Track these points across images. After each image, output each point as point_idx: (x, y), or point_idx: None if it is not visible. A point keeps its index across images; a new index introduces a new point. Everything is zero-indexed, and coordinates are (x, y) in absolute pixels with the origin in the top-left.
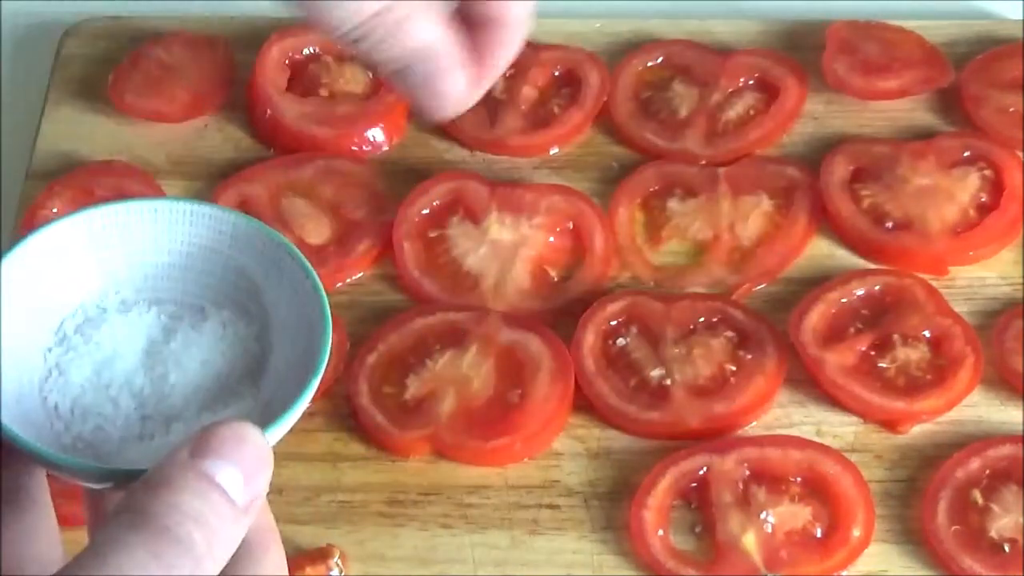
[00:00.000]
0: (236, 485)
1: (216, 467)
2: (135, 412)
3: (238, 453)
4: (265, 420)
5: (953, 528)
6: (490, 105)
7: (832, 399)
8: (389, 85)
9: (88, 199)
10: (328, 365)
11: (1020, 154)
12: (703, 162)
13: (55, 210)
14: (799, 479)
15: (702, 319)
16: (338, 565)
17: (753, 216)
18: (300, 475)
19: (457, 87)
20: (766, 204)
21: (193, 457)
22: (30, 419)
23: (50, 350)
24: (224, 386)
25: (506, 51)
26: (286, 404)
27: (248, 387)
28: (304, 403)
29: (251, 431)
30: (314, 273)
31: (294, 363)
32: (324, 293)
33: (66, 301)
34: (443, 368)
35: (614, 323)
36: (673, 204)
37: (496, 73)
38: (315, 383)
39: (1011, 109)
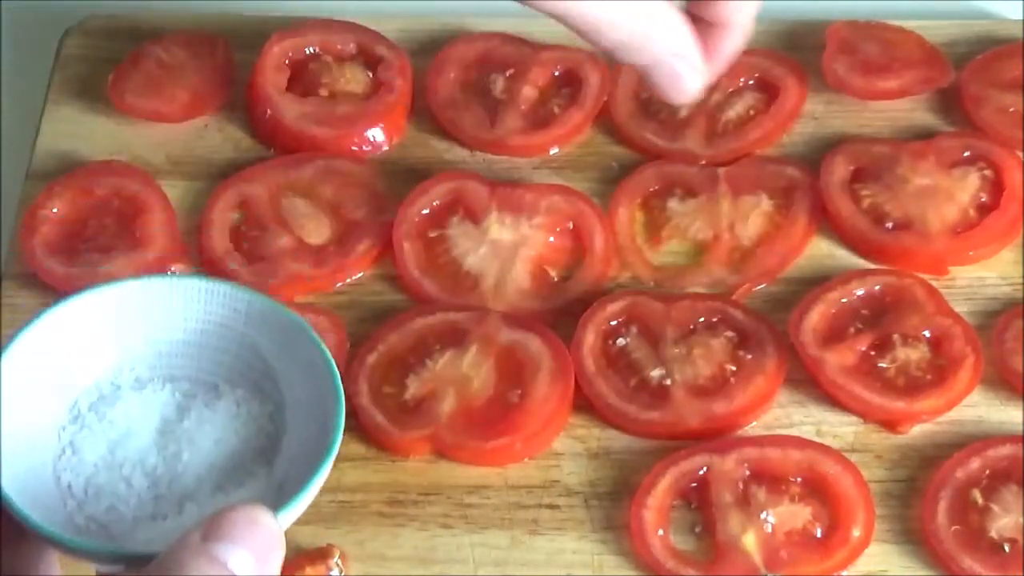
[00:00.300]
0: (247, 569)
1: (228, 551)
2: (148, 491)
3: (250, 537)
4: (278, 501)
5: (953, 528)
6: (490, 105)
7: (832, 399)
8: (388, 87)
9: (88, 199)
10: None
11: (1020, 154)
12: (703, 162)
13: (55, 210)
14: (799, 479)
15: (702, 319)
16: (338, 565)
17: (753, 216)
18: None
19: (696, 84)
20: (766, 204)
21: (205, 541)
22: (43, 498)
23: (64, 428)
24: (237, 465)
25: (731, 51)
26: (299, 486)
27: (261, 466)
28: (317, 485)
29: (263, 515)
30: (328, 352)
31: (307, 443)
32: (338, 373)
33: (81, 378)
34: (443, 368)
35: (614, 323)
36: (673, 204)
37: (720, 70)
38: (328, 465)
39: (1011, 109)
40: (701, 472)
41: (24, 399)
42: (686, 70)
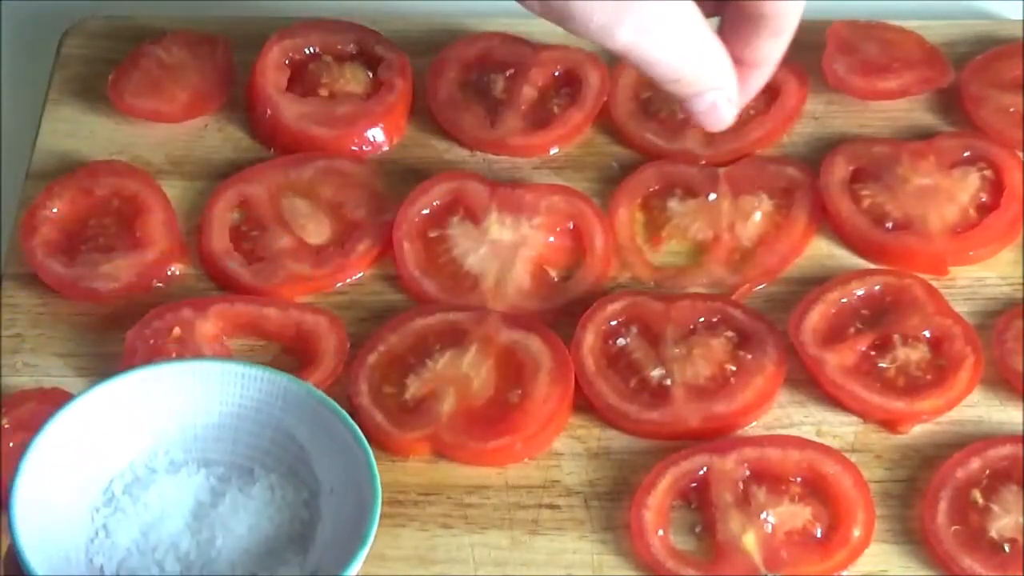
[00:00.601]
0: None
1: None
2: None
3: None
4: None
5: (953, 528)
6: (490, 105)
7: (832, 399)
8: (388, 87)
9: (88, 199)
10: (328, 365)
11: (1020, 154)
12: (703, 162)
13: (55, 210)
14: (799, 479)
15: (702, 319)
16: None
17: (753, 216)
18: None
19: (731, 116)
20: (766, 204)
21: None
22: None
23: (98, 510)
24: (271, 551)
25: (759, 86)
26: (335, 573)
27: (295, 554)
28: (354, 572)
29: None
30: (364, 439)
31: (342, 529)
32: (374, 460)
33: (115, 460)
34: (443, 368)
35: (614, 323)
36: (673, 204)
37: (747, 101)
38: (363, 554)
39: (1011, 109)
40: (701, 472)
41: (58, 481)
42: (724, 103)
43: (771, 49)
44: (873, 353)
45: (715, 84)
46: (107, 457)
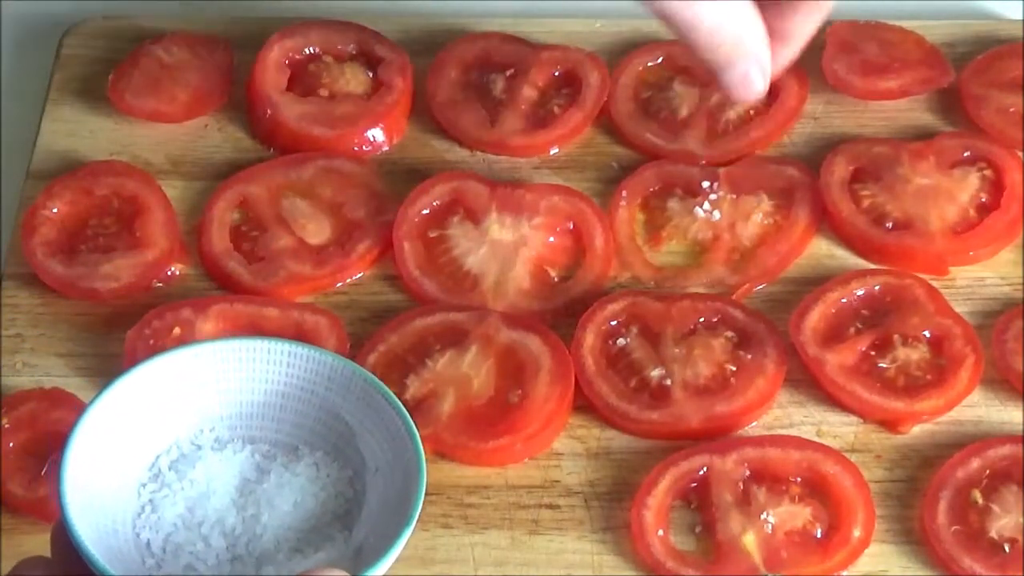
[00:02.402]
0: None
1: None
2: (226, 552)
3: None
4: (356, 567)
5: (953, 528)
6: (490, 105)
7: (832, 399)
8: (388, 87)
9: (88, 199)
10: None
11: (1020, 154)
12: (703, 162)
13: (55, 210)
14: (799, 479)
15: (702, 319)
16: None
17: (753, 216)
18: None
19: (762, 87)
20: (766, 204)
21: None
22: (122, 555)
23: (144, 485)
24: (315, 528)
25: (788, 60)
26: (379, 552)
27: (339, 531)
28: (397, 551)
29: None
30: (410, 418)
31: (387, 509)
32: (419, 439)
33: (161, 437)
34: (443, 368)
35: (614, 323)
36: (673, 204)
37: (775, 75)
38: (408, 532)
39: (1011, 109)
40: (701, 472)
41: (106, 457)
42: (756, 73)
43: (806, 23)
44: (873, 353)
45: (752, 53)
46: (153, 434)
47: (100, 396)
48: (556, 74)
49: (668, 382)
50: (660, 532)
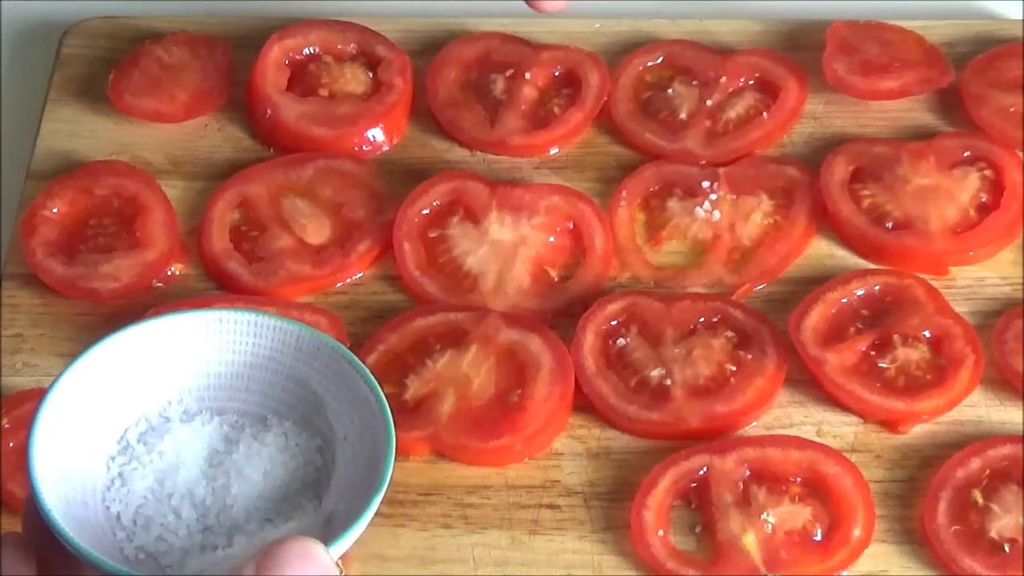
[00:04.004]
0: None
1: None
2: (197, 523)
3: (304, 570)
4: (327, 535)
5: (953, 528)
6: (490, 105)
7: (832, 399)
8: (388, 87)
9: (88, 199)
10: None
11: (1020, 154)
12: (703, 162)
13: (55, 210)
14: (799, 479)
15: (702, 319)
16: (338, 565)
17: (753, 216)
18: None
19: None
20: (766, 204)
21: (259, 573)
22: (92, 527)
23: (113, 458)
24: (286, 498)
25: None
26: (349, 520)
27: (309, 500)
28: (367, 519)
29: (317, 548)
30: (378, 387)
31: (356, 477)
32: (388, 407)
33: (129, 410)
34: (443, 368)
35: (614, 323)
36: (673, 204)
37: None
38: (378, 499)
39: (1011, 109)
40: (701, 472)
41: (74, 431)
42: None
43: None
44: (873, 353)
45: None
46: (121, 407)
47: (67, 370)
48: (556, 74)
49: (668, 382)
50: (660, 532)
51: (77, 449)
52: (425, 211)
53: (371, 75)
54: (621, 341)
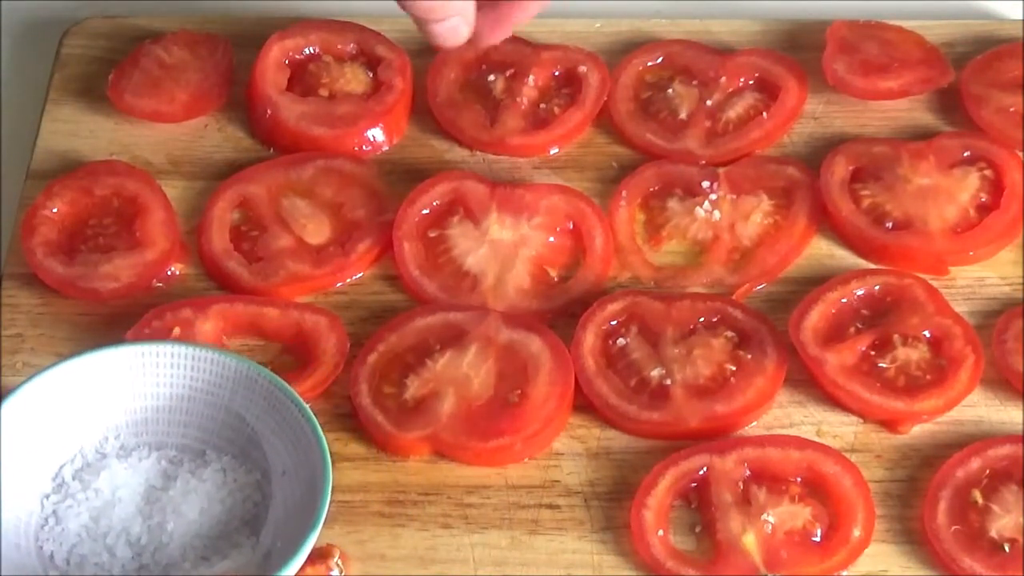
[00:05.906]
0: None
1: None
2: (132, 561)
3: None
4: (265, 571)
5: (953, 528)
6: (490, 105)
7: (832, 399)
8: (388, 87)
9: (88, 199)
10: (328, 365)
11: (1020, 154)
12: (703, 162)
13: (55, 210)
14: (799, 479)
15: (702, 319)
16: (338, 565)
17: (753, 216)
18: None
19: (467, 33)
20: (766, 204)
21: None
22: (24, 569)
23: (47, 496)
24: (223, 535)
25: (520, 20)
26: (286, 556)
27: (247, 536)
28: (305, 554)
29: None
30: (315, 419)
31: (293, 512)
32: (324, 440)
33: (65, 446)
34: (443, 368)
35: (614, 323)
36: (673, 204)
37: (506, 34)
38: (314, 537)
39: (1011, 109)
40: (701, 472)
41: (6, 470)
42: (463, 26)
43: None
44: (873, 353)
45: (458, 12)
46: (57, 442)
47: None
48: (556, 74)
49: (668, 382)
50: (660, 532)
51: (10, 489)
52: (425, 211)
53: (371, 75)
54: (621, 341)
